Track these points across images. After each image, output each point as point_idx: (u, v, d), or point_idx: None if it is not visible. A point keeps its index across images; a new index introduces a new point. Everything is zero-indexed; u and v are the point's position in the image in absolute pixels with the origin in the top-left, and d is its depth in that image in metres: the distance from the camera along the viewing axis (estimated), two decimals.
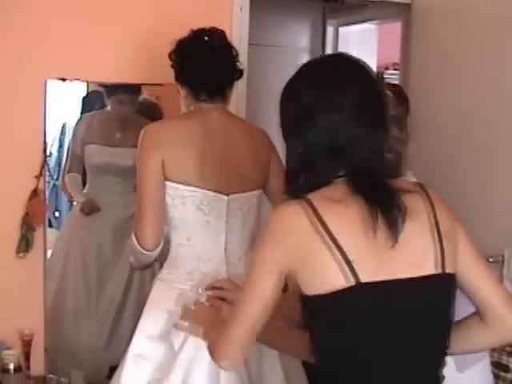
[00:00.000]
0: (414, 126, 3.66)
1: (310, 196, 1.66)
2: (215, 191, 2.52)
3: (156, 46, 3.03)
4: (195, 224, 2.52)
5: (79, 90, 3.67)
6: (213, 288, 2.39)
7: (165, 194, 2.49)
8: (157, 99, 3.76)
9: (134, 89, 3.67)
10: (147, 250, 2.48)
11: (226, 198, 2.55)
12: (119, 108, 3.76)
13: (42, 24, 3.35)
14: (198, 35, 2.61)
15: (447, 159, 3.66)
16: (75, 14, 3.40)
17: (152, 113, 3.72)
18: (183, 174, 2.49)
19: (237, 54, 2.67)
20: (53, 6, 3.36)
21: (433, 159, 3.41)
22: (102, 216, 3.82)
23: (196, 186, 2.49)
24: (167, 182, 2.48)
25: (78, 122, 3.77)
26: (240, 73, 2.67)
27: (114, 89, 3.67)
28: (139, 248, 2.47)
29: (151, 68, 3.34)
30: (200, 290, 2.41)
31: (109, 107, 3.73)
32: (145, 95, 3.76)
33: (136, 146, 2.52)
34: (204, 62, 2.57)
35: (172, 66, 2.64)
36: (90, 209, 3.81)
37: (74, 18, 3.40)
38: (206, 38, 2.59)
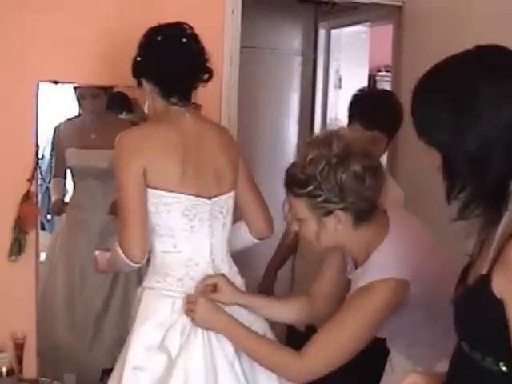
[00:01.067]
0: (405, 129, 3.68)
1: None
2: (198, 196, 2.49)
3: None
4: (181, 230, 2.49)
5: (71, 92, 3.68)
6: (205, 287, 2.45)
7: (147, 202, 2.44)
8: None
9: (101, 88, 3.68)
10: (135, 263, 2.43)
11: (208, 201, 2.53)
12: (90, 108, 3.77)
13: (35, 27, 3.34)
14: (172, 33, 2.55)
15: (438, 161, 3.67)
16: (68, 17, 3.39)
17: (121, 105, 3.73)
18: (166, 180, 2.45)
19: (207, 54, 2.60)
20: (45, 8, 3.35)
21: (424, 163, 3.41)
22: (87, 219, 3.83)
23: (180, 193, 2.46)
24: (149, 190, 2.43)
25: (59, 126, 3.79)
26: (211, 74, 2.61)
27: (84, 89, 3.69)
28: (126, 260, 2.41)
29: None
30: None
31: (81, 109, 3.76)
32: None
33: (111, 147, 2.48)
34: (178, 63, 2.52)
35: (138, 61, 2.57)
36: (58, 209, 3.82)
37: (67, 21, 3.39)
38: (183, 39, 2.53)
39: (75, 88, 3.66)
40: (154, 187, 2.43)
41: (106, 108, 3.80)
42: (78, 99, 3.74)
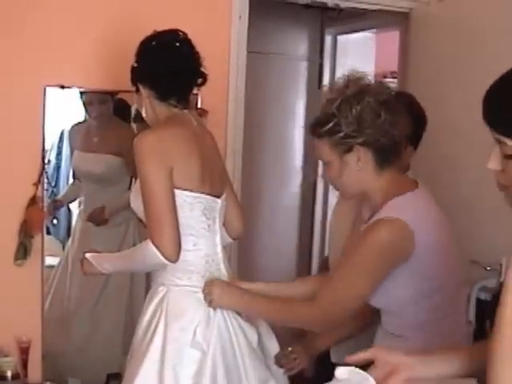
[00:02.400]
0: None
1: None
2: (211, 195, 2.59)
3: None
4: (200, 229, 2.57)
5: (78, 97, 3.69)
6: None
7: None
8: None
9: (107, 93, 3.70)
10: (171, 261, 2.45)
11: (219, 200, 2.64)
12: (96, 113, 3.79)
13: (42, 32, 3.35)
14: (166, 38, 2.61)
15: (445, 166, 3.67)
16: (75, 21, 3.40)
17: (127, 113, 3.74)
18: (189, 180, 2.51)
19: (201, 59, 2.67)
20: (53, 14, 3.37)
21: (431, 166, 3.42)
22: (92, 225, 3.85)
23: (199, 192, 2.54)
24: (174, 190, 2.48)
25: (70, 130, 3.81)
26: (205, 78, 2.67)
27: (90, 95, 3.70)
28: (162, 259, 2.43)
29: None
30: None
31: (88, 114, 3.78)
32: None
33: (109, 152, 2.49)
34: (177, 66, 2.60)
35: (134, 67, 2.62)
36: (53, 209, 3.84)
37: (74, 26, 3.40)
38: (177, 43, 2.60)
39: (81, 93, 3.67)
40: (178, 187, 2.49)
41: (112, 113, 3.81)
42: (85, 104, 3.75)
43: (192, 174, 2.52)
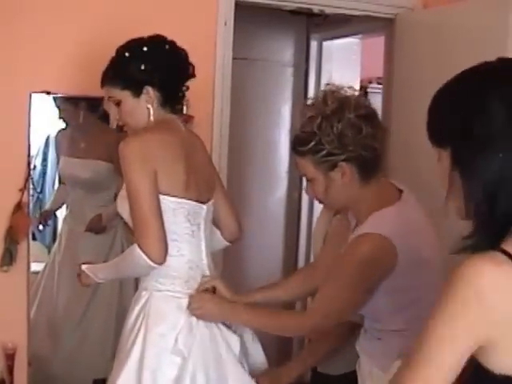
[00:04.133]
0: (396, 139, 3.70)
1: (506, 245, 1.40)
2: (196, 201, 2.59)
3: None
4: (183, 234, 2.57)
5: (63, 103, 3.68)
6: (206, 289, 2.58)
7: None
8: None
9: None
10: (157, 263, 2.44)
11: (204, 206, 2.64)
12: (81, 119, 3.78)
13: (28, 38, 3.34)
14: (167, 42, 2.65)
15: (430, 171, 3.68)
16: (61, 27, 3.41)
17: None
18: (173, 185, 2.52)
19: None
20: (39, 20, 3.36)
21: (415, 171, 3.43)
22: (79, 230, 3.83)
23: (182, 198, 2.54)
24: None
25: (56, 135, 3.80)
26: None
27: (75, 100, 3.68)
28: (148, 262, 2.42)
29: None
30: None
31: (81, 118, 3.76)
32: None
33: (98, 158, 2.48)
34: (186, 70, 2.66)
35: (142, 69, 2.61)
36: (43, 220, 3.83)
37: (60, 32, 3.40)
38: (166, 46, 2.63)
39: (65, 98, 3.65)
40: (162, 192, 2.49)
41: (98, 119, 3.79)
42: (67, 109, 3.74)
43: (176, 180, 2.53)
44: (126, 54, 2.63)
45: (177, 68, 2.64)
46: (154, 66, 2.61)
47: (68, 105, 3.70)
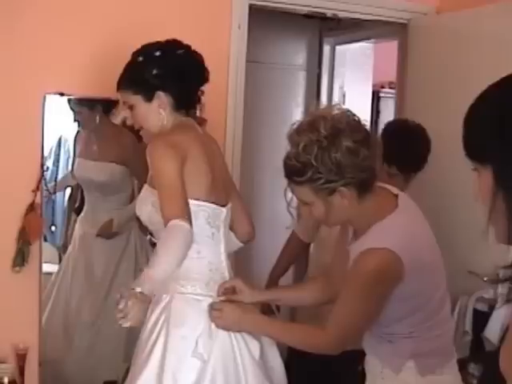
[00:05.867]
0: None
1: None
2: (216, 204, 2.59)
3: None
4: (204, 237, 2.56)
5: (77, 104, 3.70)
6: (225, 289, 2.56)
7: None
8: None
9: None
10: (188, 222, 2.37)
11: (224, 209, 2.63)
12: (96, 121, 3.79)
13: (42, 40, 3.36)
14: (182, 46, 2.65)
15: (444, 176, 3.67)
16: (75, 29, 3.42)
17: None
18: (197, 189, 2.51)
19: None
20: (53, 22, 3.38)
21: (429, 176, 3.42)
22: (92, 233, 3.84)
23: (204, 201, 2.54)
24: None
25: (75, 137, 3.81)
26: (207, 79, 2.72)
27: (90, 102, 3.70)
28: (184, 225, 2.35)
29: None
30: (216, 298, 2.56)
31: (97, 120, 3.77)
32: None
33: (115, 161, 2.44)
34: (202, 74, 2.66)
35: (154, 74, 2.61)
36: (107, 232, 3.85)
37: (74, 34, 3.42)
38: (180, 51, 2.63)
39: (80, 100, 3.66)
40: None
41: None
42: (82, 112, 3.75)
43: (199, 183, 2.53)
44: (140, 59, 2.64)
45: (190, 73, 2.64)
46: (166, 70, 2.61)
47: (83, 107, 3.72)
